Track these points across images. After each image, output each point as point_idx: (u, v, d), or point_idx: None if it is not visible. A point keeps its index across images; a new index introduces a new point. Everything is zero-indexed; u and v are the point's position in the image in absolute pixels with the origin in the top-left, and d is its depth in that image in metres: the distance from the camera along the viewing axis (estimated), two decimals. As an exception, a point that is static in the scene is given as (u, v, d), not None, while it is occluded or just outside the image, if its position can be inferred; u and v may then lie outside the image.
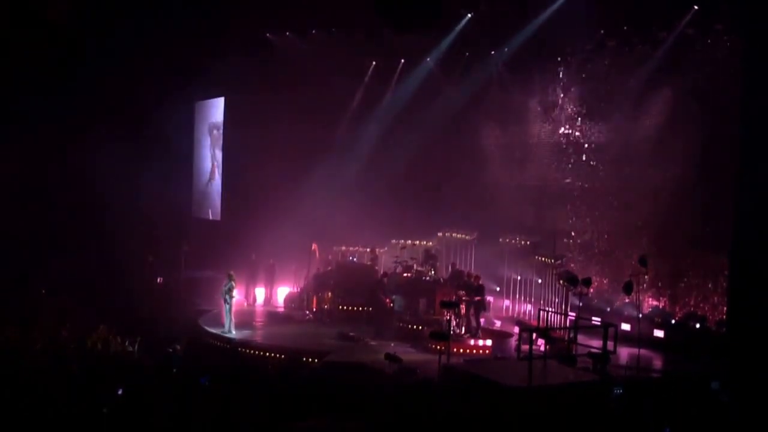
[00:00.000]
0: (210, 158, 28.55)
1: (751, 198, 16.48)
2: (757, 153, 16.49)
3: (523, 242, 20.65)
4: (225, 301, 18.77)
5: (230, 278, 18.91)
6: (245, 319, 20.09)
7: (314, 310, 21.09)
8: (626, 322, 17.77)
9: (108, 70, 24.30)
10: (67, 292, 20.55)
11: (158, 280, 24.37)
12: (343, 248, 22.82)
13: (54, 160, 24.30)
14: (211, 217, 27.90)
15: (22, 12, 19.37)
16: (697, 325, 17.91)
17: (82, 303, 19.88)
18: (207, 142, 28.69)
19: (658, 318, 18.50)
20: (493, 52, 22.78)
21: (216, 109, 27.97)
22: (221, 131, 27.52)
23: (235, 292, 19.20)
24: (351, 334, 18.48)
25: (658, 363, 16.71)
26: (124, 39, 23.18)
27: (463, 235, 21.77)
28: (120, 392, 12.04)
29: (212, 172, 28.38)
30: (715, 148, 18.16)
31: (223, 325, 18.83)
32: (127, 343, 17.05)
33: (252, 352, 17.30)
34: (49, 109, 24.22)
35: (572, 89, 21.73)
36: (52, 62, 23.28)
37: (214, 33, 23.16)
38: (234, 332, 18.62)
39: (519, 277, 20.73)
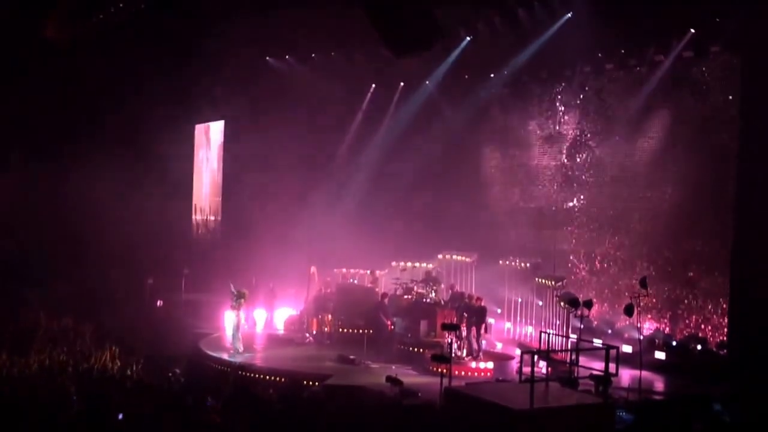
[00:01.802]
0: (210, 181, 28.59)
1: (751, 219, 16.52)
2: (755, 174, 16.56)
3: (523, 264, 20.63)
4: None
5: (240, 294, 18.96)
6: (245, 343, 19.99)
7: (314, 332, 21.01)
8: (627, 344, 17.72)
9: (107, 93, 24.43)
10: (66, 315, 20.48)
11: (158, 302, 24.31)
12: (344, 271, 22.77)
13: (53, 181, 24.33)
14: (210, 240, 27.86)
15: (23, 33, 19.43)
16: (698, 347, 17.86)
17: (82, 326, 19.83)
18: (206, 164, 28.74)
19: (659, 340, 18.44)
20: (492, 75, 22.92)
21: (216, 132, 28.07)
22: (221, 154, 27.57)
23: (239, 313, 19.19)
24: (351, 357, 18.36)
25: (659, 385, 16.64)
26: (124, 61, 23.33)
27: (463, 257, 21.76)
28: (120, 417, 11.94)
29: (212, 195, 28.40)
30: (713, 170, 18.24)
31: (229, 350, 18.82)
32: (126, 367, 16.97)
33: (252, 375, 17.21)
34: (49, 130, 24.36)
35: (571, 111, 21.85)
36: (53, 84, 23.38)
37: (214, 56, 23.30)
38: (241, 350, 18.60)
39: (520, 300, 20.68)
